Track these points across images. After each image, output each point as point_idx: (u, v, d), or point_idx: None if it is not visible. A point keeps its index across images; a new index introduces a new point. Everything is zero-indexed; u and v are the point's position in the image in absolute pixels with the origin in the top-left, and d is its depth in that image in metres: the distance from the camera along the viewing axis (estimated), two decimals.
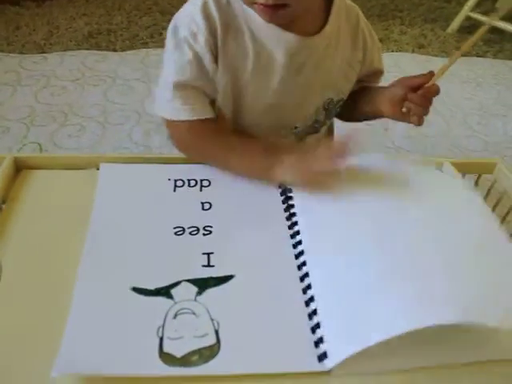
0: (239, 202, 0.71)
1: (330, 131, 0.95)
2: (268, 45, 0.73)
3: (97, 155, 0.77)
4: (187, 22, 0.71)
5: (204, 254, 0.62)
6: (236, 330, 0.54)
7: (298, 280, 0.60)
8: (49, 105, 1.59)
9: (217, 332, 0.53)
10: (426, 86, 0.74)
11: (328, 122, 0.89)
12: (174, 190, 0.72)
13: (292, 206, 0.70)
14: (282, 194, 0.72)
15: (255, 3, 0.65)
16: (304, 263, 0.62)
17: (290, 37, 0.73)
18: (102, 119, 1.53)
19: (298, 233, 0.66)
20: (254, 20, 0.72)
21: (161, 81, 0.76)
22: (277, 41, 0.73)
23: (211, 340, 0.52)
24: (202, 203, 0.70)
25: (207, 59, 0.72)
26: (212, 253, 0.62)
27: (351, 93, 0.86)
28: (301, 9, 0.68)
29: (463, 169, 0.81)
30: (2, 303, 0.55)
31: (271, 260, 0.63)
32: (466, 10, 2.38)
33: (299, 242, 0.64)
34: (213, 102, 0.77)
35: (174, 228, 0.66)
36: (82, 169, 0.75)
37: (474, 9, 2.38)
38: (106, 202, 0.69)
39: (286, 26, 0.72)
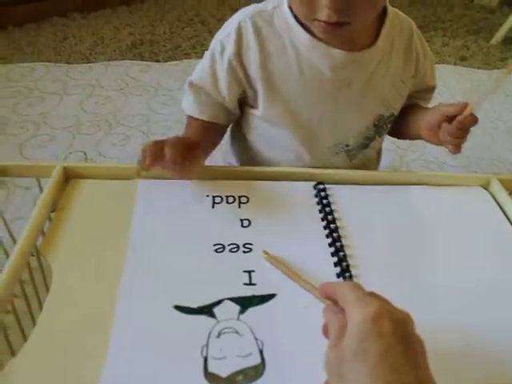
0: (278, 219, 0.71)
1: (379, 154, 0.94)
2: (314, 60, 0.74)
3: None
4: (223, 36, 0.76)
5: (245, 271, 0.62)
6: (280, 349, 0.53)
7: None
8: (94, 114, 1.63)
9: (261, 352, 0.53)
10: (458, 118, 0.71)
11: (378, 138, 0.88)
12: (213, 207, 0.72)
13: (333, 221, 0.70)
14: (320, 211, 0.72)
15: (316, 20, 0.65)
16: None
17: (335, 52, 0.73)
18: (146, 129, 1.55)
19: (341, 249, 0.66)
20: (297, 37, 0.73)
21: None
22: (322, 57, 0.73)
23: (256, 360, 0.52)
24: (241, 220, 0.70)
25: (227, 76, 0.76)
26: (253, 271, 0.62)
27: (401, 110, 0.85)
28: (361, 26, 0.68)
29: (511, 186, 0.80)
30: (50, 310, 0.56)
31: (313, 277, 0.61)
32: (510, 21, 2.33)
33: (342, 259, 0.64)
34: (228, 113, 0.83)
35: (214, 245, 0.66)
36: (128, 179, 0.76)
37: None
38: (145, 219, 0.69)
39: (334, 43, 0.72)
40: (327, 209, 0.72)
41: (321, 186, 0.76)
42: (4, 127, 1.53)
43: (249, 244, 0.66)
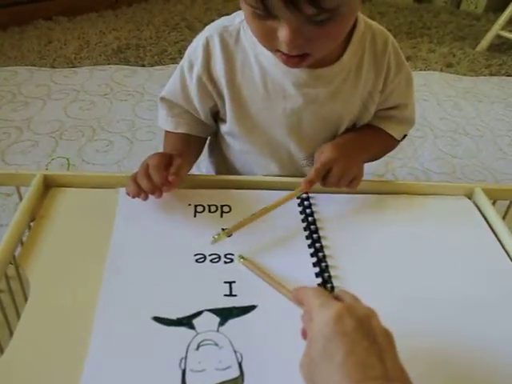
0: (260, 228, 0.70)
1: None
2: (277, 76, 0.73)
3: (123, 175, 0.77)
4: (190, 52, 0.76)
5: (226, 282, 0.62)
6: (259, 362, 0.53)
7: None
8: (78, 119, 1.61)
9: (240, 364, 0.52)
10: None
11: None
12: (195, 216, 0.71)
13: (315, 230, 0.70)
14: (303, 221, 0.72)
15: (278, 51, 0.64)
16: (330, 292, 0.59)
17: (297, 70, 0.72)
18: (130, 135, 1.54)
19: (323, 259, 0.65)
20: (261, 52, 0.72)
21: None
22: (285, 74, 0.73)
23: (235, 373, 0.51)
24: (223, 230, 0.69)
25: (197, 93, 0.77)
26: (234, 282, 0.62)
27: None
28: (322, 55, 0.67)
29: (495, 195, 0.80)
30: (27, 321, 0.56)
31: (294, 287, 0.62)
32: (496, 29, 2.35)
33: (324, 270, 0.64)
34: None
35: (195, 255, 0.65)
36: (110, 187, 0.75)
37: (505, 27, 2.35)
38: (126, 228, 0.69)
39: None
40: (310, 218, 0.72)
41: (304, 195, 0.75)
42: None
43: (230, 254, 0.66)
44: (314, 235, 0.69)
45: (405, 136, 0.89)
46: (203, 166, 0.97)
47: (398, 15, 2.73)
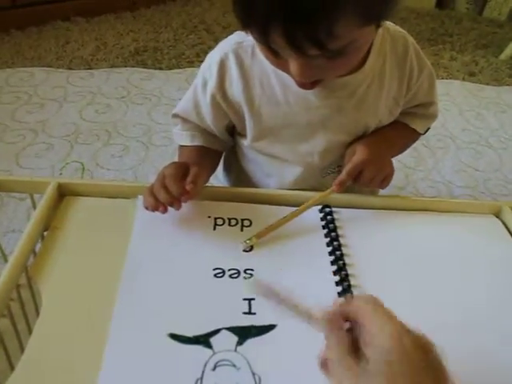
0: (281, 244, 0.68)
1: None
2: (299, 89, 0.69)
3: (140, 184, 0.76)
4: (204, 69, 0.75)
5: (245, 299, 0.60)
6: None
7: None
8: (93, 122, 1.60)
9: None
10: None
11: None
12: (214, 229, 0.70)
13: (338, 247, 0.67)
14: (326, 236, 0.70)
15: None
16: None
17: None
18: (146, 140, 1.52)
19: (346, 278, 0.63)
20: None
21: None
22: None
23: None
24: (245, 242, 0.67)
25: (211, 111, 0.76)
26: (253, 299, 0.60)
27: None
28: (335, 78, 0.67)
29: None
30: (39, 336, 0.54)
31: (316, 307, 0.59)
32: None
33: (346, 289, 0.62)
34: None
35: (214, 269, 0.63)
36: (127, 197, 0.74)
37: None
38: (143, 240, 0.67)
39: None
40: (333, 234, 0.69)
41: (327, 210, 0.73)
42: (2, 135, 1.50)
43: (250, 270, 0.64)
44: (337, 252, 0.67)
45: (428, 129, 0.90)
46: (221, 176, 0.96)
47: (418, 21, 2.70)
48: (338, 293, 0.61)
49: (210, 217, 0.71)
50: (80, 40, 2.17)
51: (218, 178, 0.96)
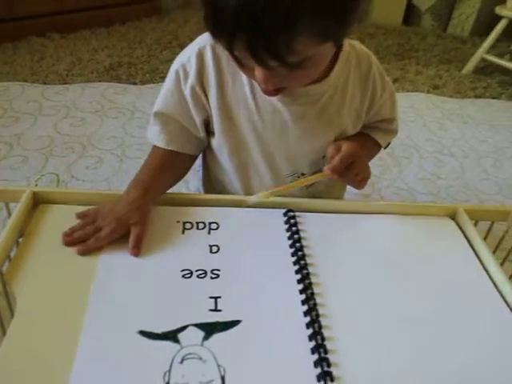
0: (247, 245, 0.72)
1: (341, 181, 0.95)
2: None
3: (113, 192, 0.79)
4: (184, 61, 0.77)
5: (211, 298, 0.63)
6: (242, 376, 0.54)
7: (305, 326, 0.60)
8: (68, 136, 1.62)
9: (223, 378, 0.53)
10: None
11: None
12: (183, 233, 0.73)
13: (300, 248, 0.71)
14: (289, 238, 0.73)
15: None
16: (312, 309, 0.62)
17: None
18: (120, 152, 1.55)
19: (307, 277, 0.67)
20: None
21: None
22: None
23: None
24: (210, 246, 0.71)
25: (191, 104, 0.77)
26: (219, 297, 0.63)
27: None
28: (300, 87, 0.71)
29: (477, 216, 0.82)
30: (13, 336, 0.56)
31: (279, 305, 0.63)
32: (481, 52, 2.40)
33: (307, 287, 0.65)
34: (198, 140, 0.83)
35: (182, 271, 0.67)
36: (96, 204, 0.75)
37: (489, 51, 2.40)
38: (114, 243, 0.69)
39: None
40: (295, 236, 0.73)
41: (291, 214, 0.77)
42: None
43: (216, 270, 0.67)
44: (299, 253, 0.70)
45: (388, 144, 0.93)
46: (192, 184, 0.98)
47: (386, 37, 2.78)
48: (300, 290, 0.65)
49: (178, 221, 0.74)
50: (55, 55, 2.19)
51: (187, 186, 0.99)
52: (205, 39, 0.76)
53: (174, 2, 2.85)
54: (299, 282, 0.66)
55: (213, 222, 0.75)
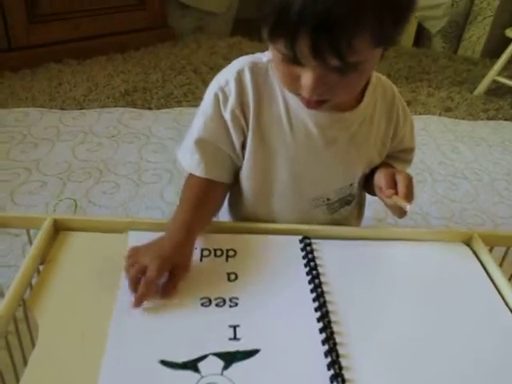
0: (265, 273, 0.73)
1: (361, 203, 0.96)
2: (301, 115, 0.77)
3: (130, 220, 0.80)
4: (222, 84, 0.77)
5: (230, 326, 0.64)
6: None
7: (323, 355, 0.61)
8: (85, 161, 1.65)
9: None
10: (385, 195, 0.77)
11: (361, 195, 0.92)
12: (201, 260, 0.74)
13: (317, 276, 0.72)
14: (306, 265, 0.74)
15: (299, 94, 0.69)
16: (330, 337, 0.62)
17: (319, 112, 0.76)
18: (136, 177, 1.57)
19: (324, 305, 0.67)
20: (289, 92, 0.75)
21: (190, 129, 0.81)
22: (309, 114, 0.76)
23: None
24: (228, 274, 0.72)
25: (232, 128, 0.77)
26: (238, 325, 0.64)
27: None
28: (341, 101, 0.72)
29: (492, 241, 0.83)
30: (35, 365, 0.57)
31: (297, 333, 0.64)
32: (492, 74, 2.41)
33: (325, 316, 0.66)
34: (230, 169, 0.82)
35: (201, 299, 0.67)
36: (118, 232, 0.78)
37: (501, 73, 2.41)
38: None
39: None
40: (312, 263, 0.74)
41: (307, 241, 0.78)
42: None
43: (235, 298, 0.68)
44: (316, 280, 0.71)
45: None
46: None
47: (397, 60, 2.80)
48: (317, 319, 0.65)
49: (196, 248, 0.75)
50: (72, 81, 2.23)
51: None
52: (241, 62, 0.77)
53: (187, 27, 2.89)
54: (316, 310, 0.67)
55: (230, 249, 0.76)
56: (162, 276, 0.67)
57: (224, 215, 0.93)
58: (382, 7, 0.57)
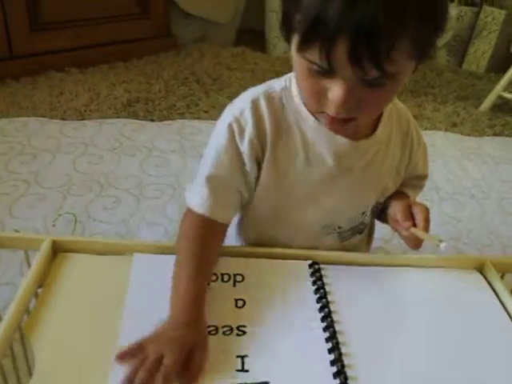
0: (273, 300, 0.71)
1: (371, 230, 0.94)
2: (318, 146, 0.74)
3: (131, 243, 0.79)
4: (237, 115, 0.73)
5: (238, 356, 0.62)
6: None
7: None
8: (86, 174, 1.62)
9: None
10: (403, 227, 0.76)
11: (373, 225, 0.90)
12: (208, 284, 0.72)
13: (327, 304, 0.70)
14: (315, 292, 0.72)
15: (323, 112, 0.65)
16: (341, 371, 0.60)
17: (340, 140, 0.74)
18: (137, 192, 1.54)
19: (334, 335, 0.65)
20: (305, 120, 0.73)
21: (201, 165, 0.76)
22: (327, 143, 0.74)
23: None
24: (236, 300, 0.70)
25: (248, 160, 0.74)
26: (246, 356, 0.62)
27: None
28: (366, 121, 0.71)
29: (505, 268, 0.81)
30: None
31: (307, 365, 0.62)
32: (498, 90, 2.39)
33: (335, 347, 0.63)
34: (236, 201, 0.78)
35: (208, 327, 0.65)
36: (120, 254, 0.76)
37: (507, 88, 2.40)
38: (139, 295, 0.69)
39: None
40: (321, 291, 0.72)
41: (316, 266, 0.76)
42: None
43: (242, 326, 0.66)
44: (326, 309, 0.69)
45: None
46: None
47: None
48: (328, 350, 0.63)
49: None
50: (74, 91, 2.21)
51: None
52: (254, 92, 0.75)
53: (190, 36, 2.88)
54: (327, 340, 0.65)
55: (238, 274, 0.74)
56: (181, 363, 0.58)
57: (230, 237, 0.89)
58: (424, 14, 0.55)
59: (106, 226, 1.37)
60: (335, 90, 0.60)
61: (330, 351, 0.63)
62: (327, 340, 0.65)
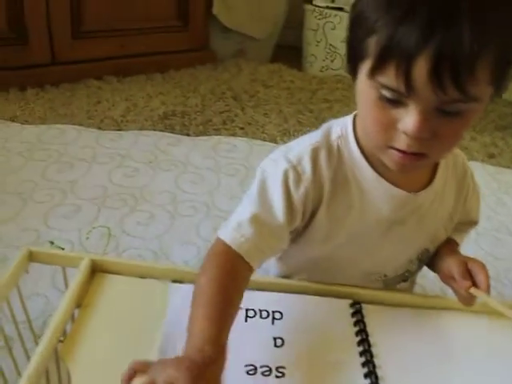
0: (312, 340, 0.69)
1: (413, 280, 0.92)
2: (375, 198, 0.72)
3: (170, 267, 0.79)
4: (294, 162, 0.70)
5: None
6: None
7: None
8: (121, 186, 1.62)
9: None
10: (461, 287, 0.73)
11: (419, 271, 0.87)
12: (246, 321, 0.70)
13: (369, 349, 0.68)
14: (357, 334, 0.70)
15: (391, 148, 0.61)
16: None
17: (398, 192, 0.71)
18: (172, 208, 1.53)
19: (376, 382, 0.64)
20: (361, 171, 0.71)
21: (246, 200, 0.71)
22: (384, 195, 0.71)
23: None
24: (275, 339, 0.68)
25: (299, 209, 0.70)
26: None
27: None
28: (435, 161, 0.68)
29: None
30: None
31: None
32: None
33: None
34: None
35: (246, 366, 0.64)
36: (158, 278, 0.75)
37: None
38: (175, 329, 0.67)
39: (394, 180, 0.71)
40: (363, 334, 0.70)
41: (357, 306, 0.74)
42: (31, 193, 1.53)
43: (282, 368, 0.64)
44: (367, 354, 0.67)
45: None
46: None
47: None
48: None
49: (241, 307, 0.70)
50: (111, 100, 2.22)
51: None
52: (313, 139, 0.72)
53: (228, 50, 2.89)
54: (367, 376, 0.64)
55: (276, 311, 0.72)
56: None
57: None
58: (508, 34, 0.54)
59: (140, 242, 1.36)
60: (409, 119, 0.56)
61: None
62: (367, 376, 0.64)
